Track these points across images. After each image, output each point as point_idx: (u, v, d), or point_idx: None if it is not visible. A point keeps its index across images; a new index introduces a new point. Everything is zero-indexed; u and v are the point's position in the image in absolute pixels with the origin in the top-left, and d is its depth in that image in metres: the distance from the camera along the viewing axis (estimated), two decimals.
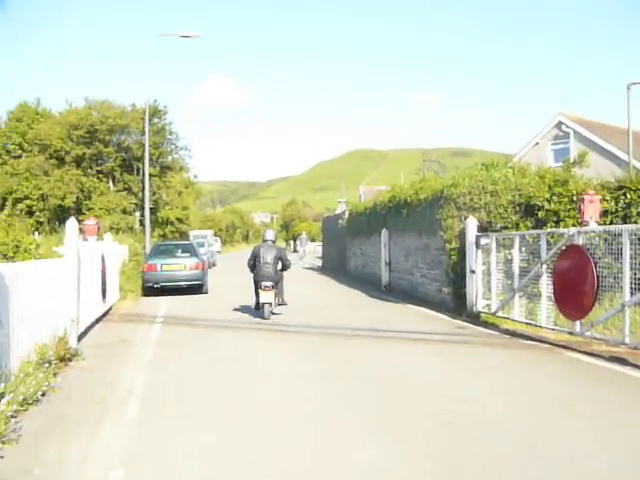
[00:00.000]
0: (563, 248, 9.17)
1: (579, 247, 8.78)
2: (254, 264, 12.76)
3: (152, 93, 73.69)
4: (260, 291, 12.45)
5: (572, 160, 18.04)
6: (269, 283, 12.39)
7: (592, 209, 9.74)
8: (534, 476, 4.25)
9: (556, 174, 12.54)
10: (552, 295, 9.40)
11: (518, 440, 4.94)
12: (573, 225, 10.70)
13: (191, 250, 19.13)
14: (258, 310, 12.69)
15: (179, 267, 17.93)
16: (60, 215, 36.15)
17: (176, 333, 11.19)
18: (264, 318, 12.24)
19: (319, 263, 34.66)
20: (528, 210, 12.06)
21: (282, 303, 13.07)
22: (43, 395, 6.36)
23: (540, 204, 11.79)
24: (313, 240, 52.57)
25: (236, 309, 14.10)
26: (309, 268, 32.25)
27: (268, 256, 12.60)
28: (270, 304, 12.44)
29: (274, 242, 13.32)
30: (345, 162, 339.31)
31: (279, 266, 12.78)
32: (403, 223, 16.49)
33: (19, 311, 6.52)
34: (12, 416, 5.46)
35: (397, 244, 17.74)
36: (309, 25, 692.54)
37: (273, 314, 12.58)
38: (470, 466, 4.41)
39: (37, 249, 11.58)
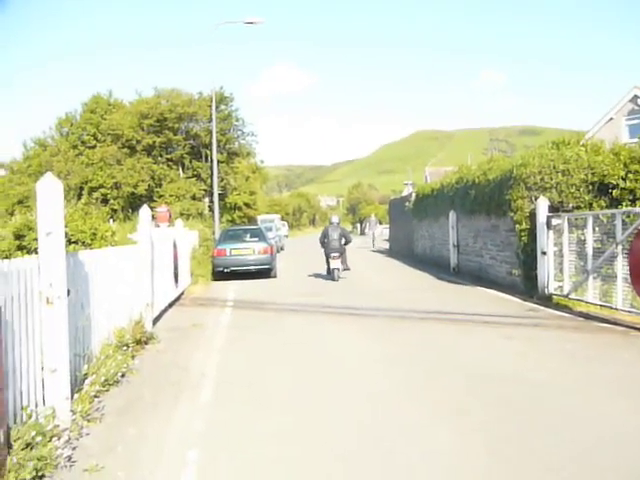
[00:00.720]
0: None
1: None
2: (324, 241, 16.84)
3: (219, 79, 74.53)
4: (330, 260, 16.60)
5: None
6: (336, 254, 16.54)
7: None
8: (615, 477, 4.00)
9: (632, 151, 12.02)
10: (628, 276, 9.08)
11: (594, 431, 4.77)
12: None
13: (259, 234, 19.39)
14: (329, 275, 16.66)
15: (248, 252, 18.26)
16: (133, 202, 37.24)
17: (246, 317, 11.44)
18: (334, 280, 16.22)
19: (386, 246, 34.53)
20: (602, 189, 11.65)
21: (346, 268, 17.04)
22: (122, 376, 6.66)
23: (615, 182, 11.38)
24: (380, 223, 52.20)
25: (304, 292, 14.26)
26: (376, 251, 32.21)
27: (334, 234, 16.74)
28: (338, 269, 16.51)
29: (338, 224, 17.62)
30: (410, 144, 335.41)
31: (343, 241, 16.77)
32: (471, 204, 16.22)
33: (98, 296, 6.82)
34: (95, 396, 5.76)
35: (465, 226, 17.49)
36: (372, 10, 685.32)
37: (340, 277, 16.42)
38: (543, 457, 4.29)
39: (113, 236, 11.97)
